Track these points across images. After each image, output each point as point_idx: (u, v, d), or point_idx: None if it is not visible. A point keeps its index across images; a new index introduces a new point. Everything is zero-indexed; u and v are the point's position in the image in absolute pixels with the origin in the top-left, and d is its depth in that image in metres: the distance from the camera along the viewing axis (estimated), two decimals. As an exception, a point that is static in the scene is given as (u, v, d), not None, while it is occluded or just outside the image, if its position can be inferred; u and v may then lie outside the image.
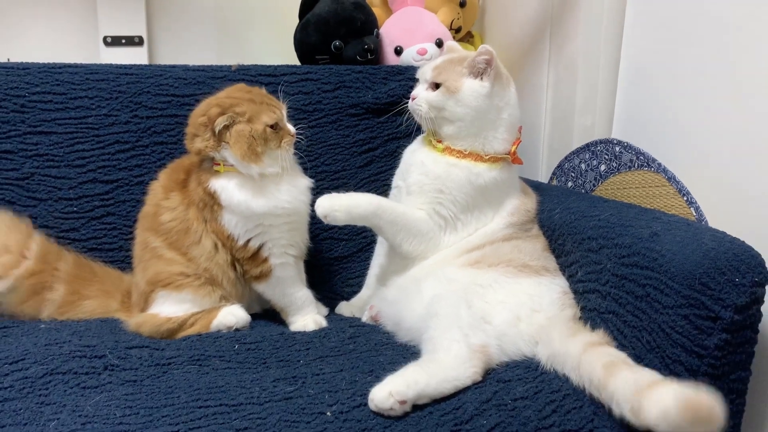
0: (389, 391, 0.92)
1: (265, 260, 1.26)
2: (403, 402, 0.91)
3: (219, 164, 1.24)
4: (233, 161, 1.22)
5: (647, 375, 0.92)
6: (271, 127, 1.23)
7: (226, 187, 1.23)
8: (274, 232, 1.25)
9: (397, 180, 1.38)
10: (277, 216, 1.24)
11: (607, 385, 0.94)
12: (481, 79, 1.26)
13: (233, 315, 1.23)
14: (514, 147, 1.30)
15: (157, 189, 1.31)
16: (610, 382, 0.93)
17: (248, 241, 1.24)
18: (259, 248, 1.25)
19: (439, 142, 1.31)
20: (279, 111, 1.26)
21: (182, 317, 1.22)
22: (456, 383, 0.97)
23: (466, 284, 1.16)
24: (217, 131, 1.20)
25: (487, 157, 1.28)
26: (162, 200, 1.27)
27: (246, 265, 1.27)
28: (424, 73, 1.33)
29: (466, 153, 1.28)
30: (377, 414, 0.92)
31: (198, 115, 1.24)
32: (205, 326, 1.22)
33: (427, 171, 1.29)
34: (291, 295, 1.29)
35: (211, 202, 1.24)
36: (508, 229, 1.29)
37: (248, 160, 1.20)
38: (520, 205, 1.32)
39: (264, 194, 1.23)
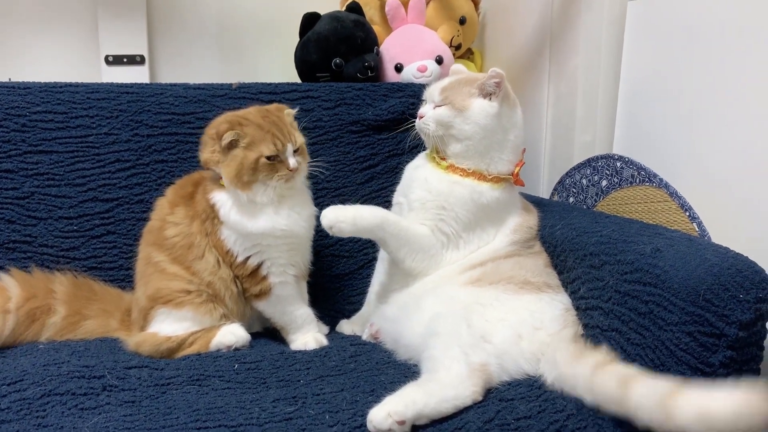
0: (387, 412, 0.90)
1: (264, 278, 1.25)
2: (401, 422, 0.90)
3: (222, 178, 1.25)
4: (224, 182, 1.23)
5: (667, 382, 0.90)
6: (269, 158, 1.21)
7: (225, 202, 1.23)
8: (273, 251, 1.25)
9: (399, 197, 1.38)
10: (275, 237, 1.24)
11: (627, 397, 0.91)
12: (490, 99, 1.26)
13: (233, 334, 1.22)
14: (518, 169, 1.30)
15: (163, 204, 1.31)
16: (629, 396, 0.91)
17: (247, 258, 1.24)
18: (258, 266, 1.25)
19: (443, 159, 1.31)
20: (282, 143, 1.22)
21: (181, 336, 1.21)
22: (456, 402, 0.96)
23: (466, 303, 1.15)
24: (222, 146, 1.19)
25: (490, 177, 1.28)
26: (167, 215, 1.27)
27: (245, 283, 1.26)
28: (432, 94, 1.33)
29: (470, 172, 1.28)
30: None
31: (212, 125, 1.25)
32: (204, 345, 1.21)
33: (430, 188, 1.29)
34: (291, 313, 1.28)
35: (212, 215, 1.24)
36: (511, 246, 1.29)
37: (234, 185, 1.21)
38: (522, 222, 1.32)
39: (260, 216, 1.23)
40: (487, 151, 1.28)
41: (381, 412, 0.91)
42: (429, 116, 1.30)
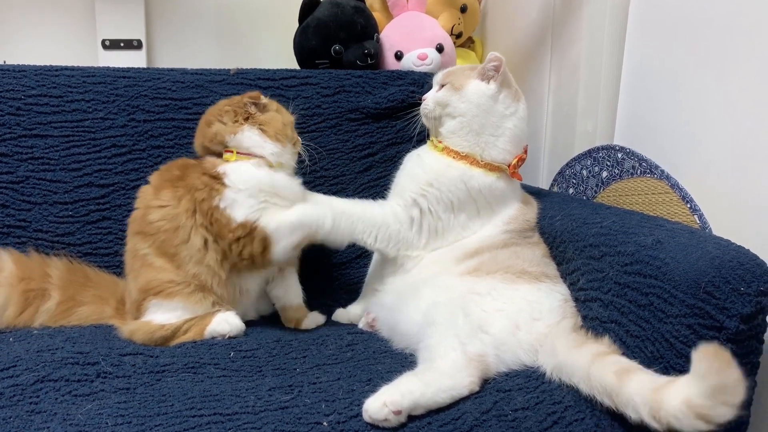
0: (383, 401, 0.90)
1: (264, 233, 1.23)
2: (398, 412, 0.90)
3: (231, 152, 1.26)
4: (256, 140, 1.26)
5: (663, 377, 0.90)
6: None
7: (238, 167, 1.24)
8: (273, 209, 1.24)
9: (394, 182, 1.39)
10: (283, 198, 1.25)
11: (621, 390, 0.91)
12: (488, 83, 1.29)
13: (227, 322, 1.21)
14: (515, 160, 1.30)
15: (146, 191, 1.29)
16: (624, 387, 0.91)
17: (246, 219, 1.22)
18: (256, 223, 1.22)
19: (440, 143, 1.32)
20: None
21: (175, 324, 1.20)
22: (452, 393, 0.95)
23: (463, 292, 1.14)
24: (262, 105, 1.30)
25: (483, 163, 1.28)
26: (152, 200, 1.25)
27: (245, 248, 1.22)
28: (436, 79, 1.38)
29: (463, 155, 1.29)
30: (372, 425, 0.90)
31: (223, 104, 1.30)
32: (198, 333, 1.20)
33: (423, 164, 1.32)
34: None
35: (213, 184, 1.22)
36: (505, 235, 1.28)
37: (279, 138, 1.28)
38: (518, 215, 1.31)
39: (276, 174, 1.27)
40: (482, 130, 1.28)
41: (377, 402, 0.90)
42: (430, 98, 1.35)
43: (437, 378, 0.95)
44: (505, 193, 1.31)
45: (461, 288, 1.15)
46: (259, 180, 1.23)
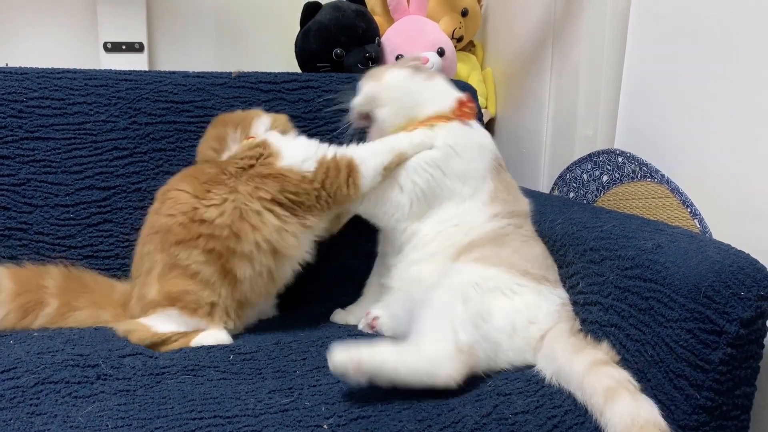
0: (350, 356, 0.92)
1: (345, 163, 1.26)
2: (357, 370, 0.92)
3: (253, 137, 1.33)
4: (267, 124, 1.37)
5: (645, 411, 0.90)
6: None
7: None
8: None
9: None
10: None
11: (604, 411, 0.92)
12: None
13: (213, 337, 1.19)
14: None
15: (180, 197, 1.22)
16: (608, 409, 0.92)
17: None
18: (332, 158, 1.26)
19: None
20: None
21: (168, 334, 1.18)
22: (425, 380, 0.94)
23: (467, 278, 1.11)
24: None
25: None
26: (199, 202, 1.21)
27: (335, 183, 1.24)
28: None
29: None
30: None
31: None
32: (185, 344, 1.18)
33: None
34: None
35: (262, 153, 1.26)
36: (494, 222, 1.24)
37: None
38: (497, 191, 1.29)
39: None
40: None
41: (343, 354, 0.93)
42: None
43: (416, 360, 0.95)
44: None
45: (466, 273, 1.12)
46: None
